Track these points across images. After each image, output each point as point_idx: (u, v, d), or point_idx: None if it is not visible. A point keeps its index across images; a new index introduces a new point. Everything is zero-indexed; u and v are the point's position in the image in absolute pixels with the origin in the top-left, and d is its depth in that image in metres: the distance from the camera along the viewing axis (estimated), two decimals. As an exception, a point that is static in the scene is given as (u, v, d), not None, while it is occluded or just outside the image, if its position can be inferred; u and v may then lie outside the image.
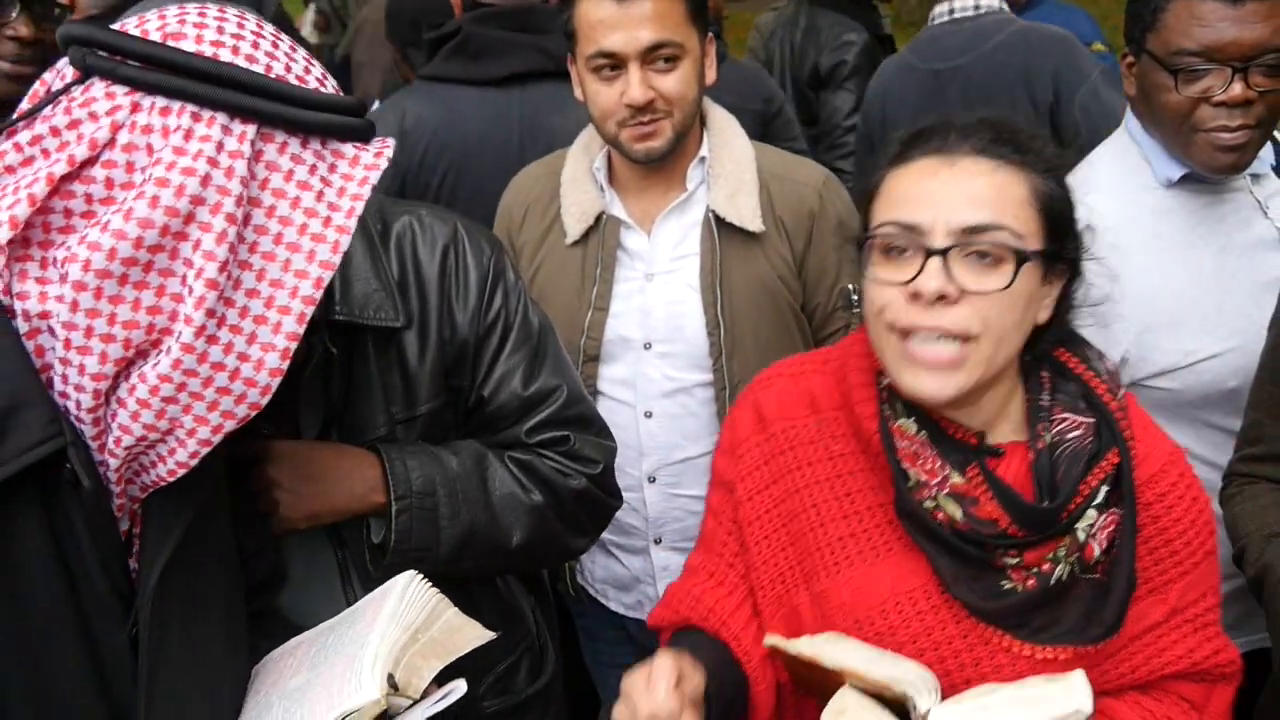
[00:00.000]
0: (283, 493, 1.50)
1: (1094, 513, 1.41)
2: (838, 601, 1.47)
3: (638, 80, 2.04)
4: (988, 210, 1.36)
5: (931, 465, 1.43)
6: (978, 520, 1.40)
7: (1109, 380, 1.50)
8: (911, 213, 1.38)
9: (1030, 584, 1.41)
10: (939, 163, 1.40)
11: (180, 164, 1.07)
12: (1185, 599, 1.50)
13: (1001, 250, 1.35)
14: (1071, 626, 1.42)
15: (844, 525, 1.50)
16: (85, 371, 1.10)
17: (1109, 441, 1.44)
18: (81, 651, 1.18)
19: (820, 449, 1.54)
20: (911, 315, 1.37)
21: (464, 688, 1.29)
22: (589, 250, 2.21)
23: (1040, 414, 1.47)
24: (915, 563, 1.46)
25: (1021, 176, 1.39)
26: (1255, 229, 2.03)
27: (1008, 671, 1.42)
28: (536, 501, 1.65)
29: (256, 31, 1.17)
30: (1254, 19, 1.85)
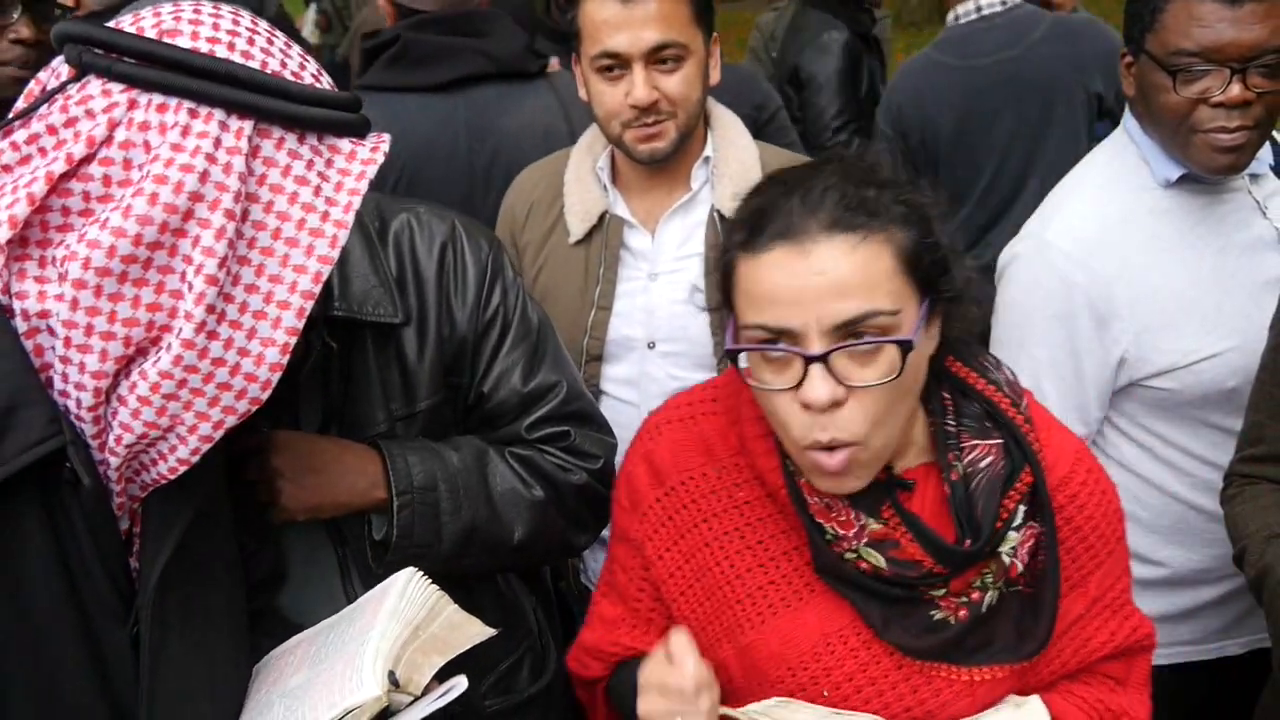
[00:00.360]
0: (285, 483, 1.49)
1: (1014, 534, 1.39)
2: (767, 652, 1.43)
3: (642, 81, 2.03)
4: (856, 299, 1.26)
5: (846, 516, 1.38)
6: (901, 563, 1.37)
7: (1009, 391, 1.45)
8: (778, 317, 1.28)
9: (962, 614, 1.39)
10: (792, 253, 1.27)
11: (178, 160, 1.07)
12: (1103, 586, 1.50)
13: (880, 336, 1.27)
14: (1006, 645, 1.41)
15: (761, 575, 1.45)
16: (85, 370, 1.10)
17: (1020, 461, 1.40)
18: (82, 650, 1.17)
19: (724, 499, 1.48)
20: (811, 432, 1.29)
21: (465, 684, 1.29)
22: (592, 250, 2.20)
23: (949, 441, 1.42)
24: (838, 602, 1.42)
25: (882, 243, 1.28)
26: (1254, 229, 2.02)
27: (947, 696, 1.41)
28: (538, 497, 1.64)
29: (251, 28, 1.17)
30: (1252, 20, 1.84)
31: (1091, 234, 1.98)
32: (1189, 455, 2.06)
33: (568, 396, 1.70)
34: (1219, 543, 1.96)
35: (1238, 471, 1.87)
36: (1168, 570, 2.11)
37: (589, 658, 1.62)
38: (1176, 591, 2.13)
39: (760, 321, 1.30)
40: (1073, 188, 2.09)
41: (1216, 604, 2.14)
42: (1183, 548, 2.10)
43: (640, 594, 1.55)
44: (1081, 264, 1.96)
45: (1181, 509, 2.08)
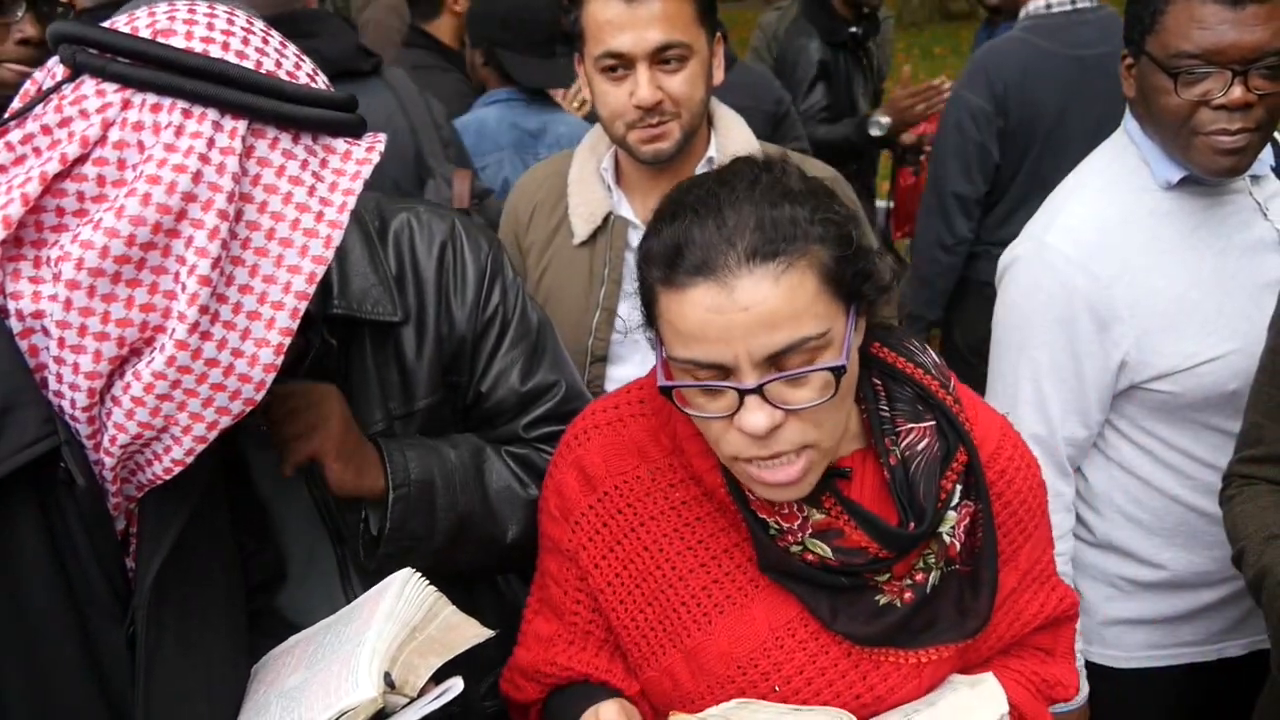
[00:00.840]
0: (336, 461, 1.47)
1: (952, 514, 1.39)
2: (716, 651, 1.41)
3: (646, 80, 2.02)
4: (785, 330, 1.23)
5: (789, 510, 1.37)
6: (847, 552, 1.36)
7: (937, 373, 1.45)
8: (708, 353, 1.25)
9: (908, 597, 1.39)
10: (714, 290, 1.23)
11: (172, 161, 1.06)
12: (1032, 559, 1.52)
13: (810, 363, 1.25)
14: (949, 624, 1.41)
15: (704, 575, 1.43)
16: (80, 370, 1.09)
17: (955, 441, 1.41)
18: (79, 650, 1.17)
19: (660, 501, 1.45)
20: (748, 449, 1.28)
21: (461, 685, 1.28)
22: (597, 251, 2.20)
23: (884, 426, 1.41)
24: (783, 596, 1.41)
25: (804, 266, 1.24)
26: (1255, 230, 2.01)
27: (895, 680, 1.41)
28: (533, 496, 1.62)
29: (246, 28, 1.16)
30: (1254, 22, 1.83)
31: (1092, 237, 1.98)
32: (1190, 458, 2.05)
33: (566, 396, 1.70)
34: (1220, 545, 1.95)
35: (1236, 472, 1.86)
36: (1169, 573, 2.11)
37: (524, 679, 1.58)
38: (1178, 594, 2.13)
39: (690, 357, 1.27)
40: (1073, 190, 2.08)
41: (1218, 606, 2.13)
42: (1184, 550, 2.09)
43: (577, 606, 1.52)
44: (1082, 267, 1.95)
45: (1182, 511, 2.07)
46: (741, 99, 2.48)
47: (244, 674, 1.41)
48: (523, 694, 1.59)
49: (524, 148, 3.27)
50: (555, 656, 1.53)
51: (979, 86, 3.47)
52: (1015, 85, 3.41)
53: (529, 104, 3.33)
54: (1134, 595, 2.14)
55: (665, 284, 1.28)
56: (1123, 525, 2.11)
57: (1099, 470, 2.11)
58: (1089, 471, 2.11)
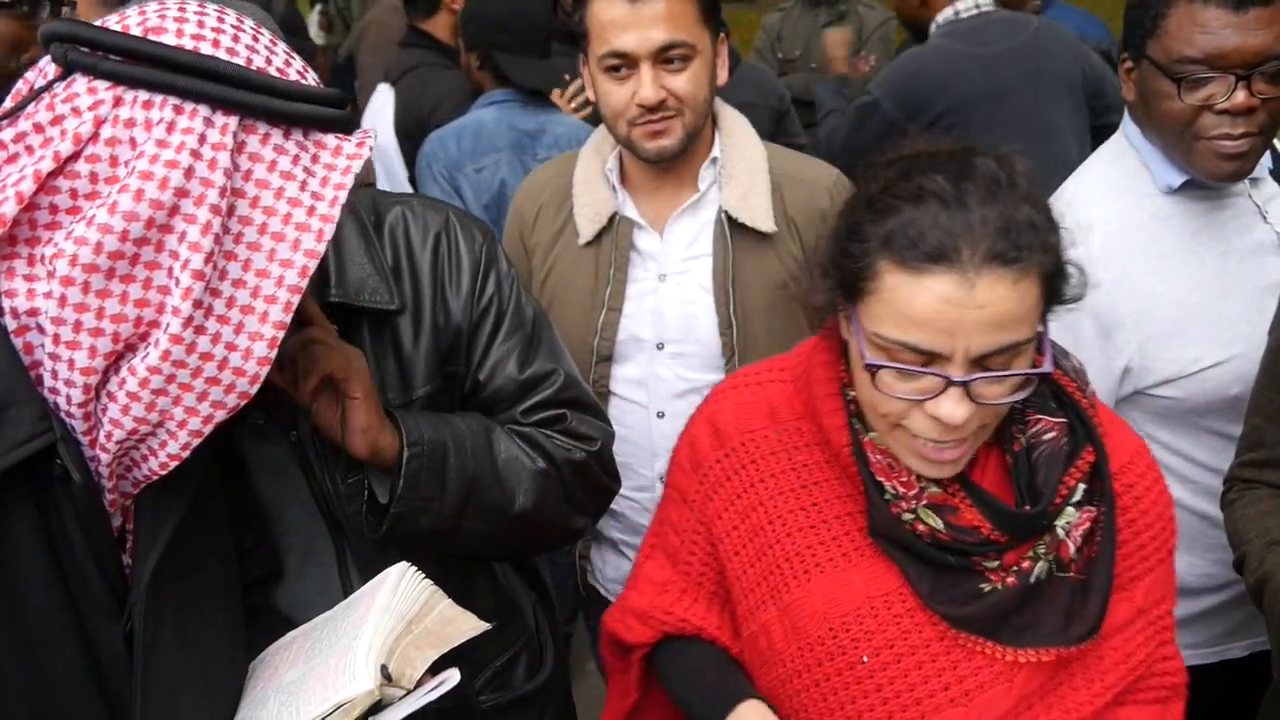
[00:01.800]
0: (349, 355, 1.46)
1: (1072, 510, 1.39)
2: (810, 609, 1.43)
3: (650, 80, 2.02)
4: (1010, 332, 1.27)
5: (907, 477, 1.39)
6: (958, 529, 1.37)
7: (1076, 377, 1.47)
8: (930, 341, 1.27)
9: (1010, 582, 1.38)
10: (955, 283, 1.25)
11: (163, 157, 1.07)
12: (1149, 598, 1.47)
13: (1018, 372, 1.30)
14: (1052, 628, 1.39)
15: (811, 535, 1.46)
16: (75, 366, 1.09)
17: (1083, 439, 1.42)
18: (76, 647, 1.17)
19: (784, 460, 1.49)
20: (931, 432, 1.32)
21: (457, 677, 1.28)
22: (602, 251, 2.20)
23: (1014, 417, 1.42)
24: (887, 568, 1.42)
25: (1035, 276, 1.29)
26: (1255, 234, 2.00)
27: (986, 676, 1.39)
28: (540, 467, 1.63)
29: (237, 25, 1.16)
30: (1257, 26, 1.81)
31: (1093, 242, 1.96)
32: (1192, 463, 2.04)
33: (564, 384, 1.71)
34: (1222, 549, 1.94)
35: (1237, 476, 1.85)
36: (1172, 576, 2.11)
37: (636, 622, 1.62)
38: (1180, 598, 2.10)
39: (906, 340, 1.28)
40: (1072, 195, 2.06)
41: (1221, 609, 2.12)
42: (1186, 554, 2.06)
43: (691, 557, 1.57)
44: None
45: (1184, 516, 2.03)
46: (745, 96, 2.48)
47: (242, 670, 1.41)
48: (634, 635, 1.63)
49: (522, 149, 3.27)
50: (671, 605, 1.58)
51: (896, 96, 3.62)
52: (932, 89, 3.58)
53: (526, 105, 3.33)
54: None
55: (899, 264, 1.29)
56: (1125, 529, 2.10)
57: (1102, 474, 2.10)
58: (1092, 477, 2.11)
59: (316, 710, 1.23)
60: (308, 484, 1.57)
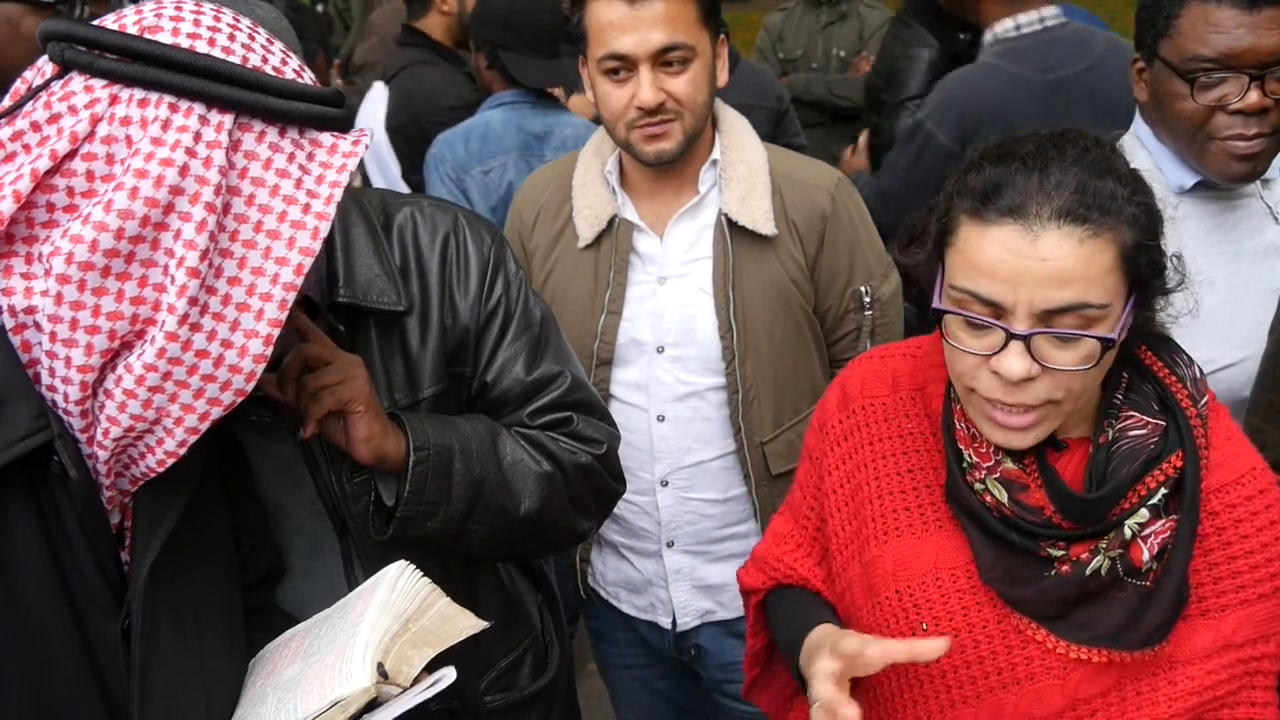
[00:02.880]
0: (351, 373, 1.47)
1: (1147, 513, 1.37)
2: (881, 570, 1.49)
3: (649, 82, 2.02)
4: (1072, 289, 1.28)
5: (986, 449, 1.42)
6: (1023, 506, 1.39)
7: (1191, 387, 1.45)
8: (992, 289, 1.31)
9: (1064, 570, 1.38)
10: (1021, 235, 1.29)
11: (158, 155, 1.08)
12: (1242, 634, 1.40)
13: (1083, 328, 1.30)
14: (1110, 630, 1.38)
15: (899, 499, 1.51)
16: (72, 364, 1.11)
17: (1174, 444, 1.39)
18: (74, 644, 1.18)
19: (892, 426, 1.56)
20: (994, 391, 1.35)
21: (453, 676, 1.29)
22: (601, 254, 2.20)
23: (1110, 411, 1.43)
24: (961, 542, 1.46)
25: (1108, 241, 1.29)
26: (1267, 235, 2.00)
27: (1039, 666, 1.40)
28: (546, 470, 1.65)
29: (233, 24, 1.18)
30: (1270, 25, 1.82)
31: None
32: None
33: (571, 386, 1.72)
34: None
35: None
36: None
37: (754, 567, 1.72)
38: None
39: (972, 289, 1.33)
40: None
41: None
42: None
43: (810, 512, 1.65)
44: None
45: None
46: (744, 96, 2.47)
47: (241, 667, 1.42)
48: (750, 579, 1.72)
49: (529, 151, 3.27)
50: (784, 555, 1.67)
51: (949, 126, 3.22)
52: (988, 118, 3.16)
53: (534, 106, 3.33)
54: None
55: (973, 215, 1.34)
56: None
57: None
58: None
59: (313, 707, 1.24)
60: (314, 482, 1.59)
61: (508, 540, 1.68)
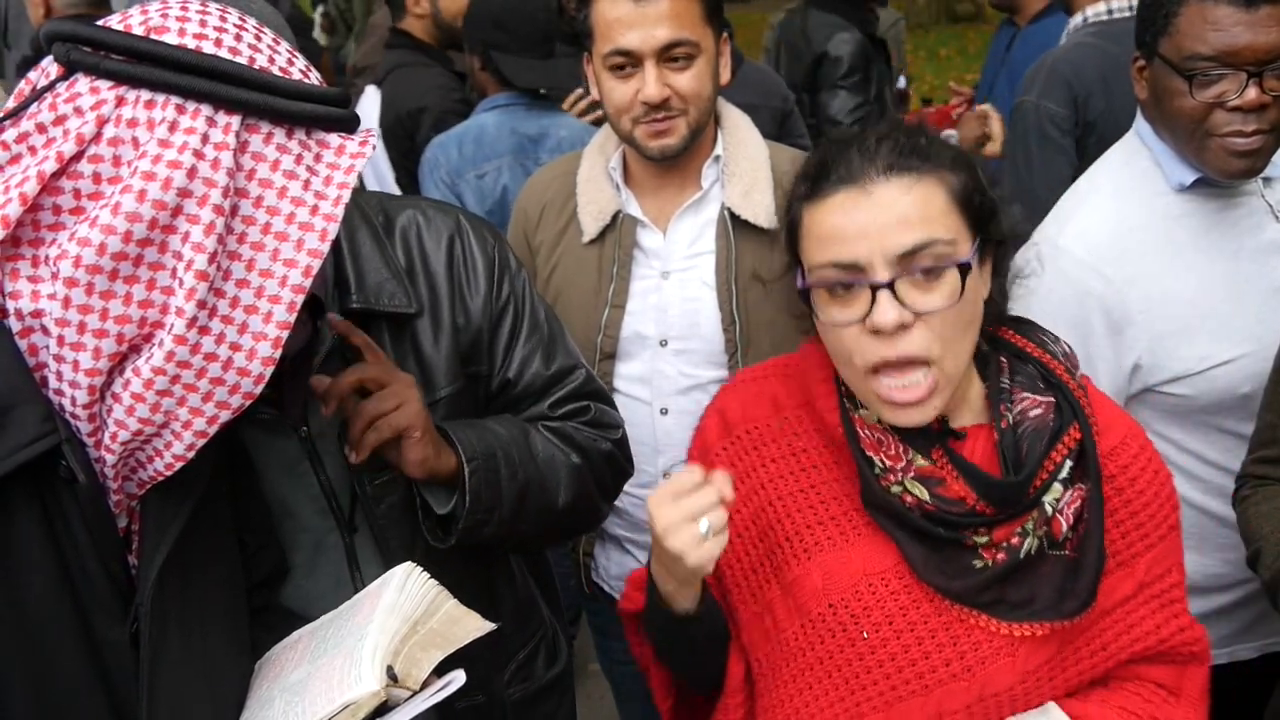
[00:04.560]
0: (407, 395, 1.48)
1: (1060, 487, 1.42)
2: (810, 587, 1.47)
3: (654, 78, 2.03)
4: (917, 230, 1.35)
5: (895, 450, 1.44)
6: (945, 500, 1.41)
7: (1065, 360, 1.52)
8: (845, 251, 1.37)
9: (1000, 558, 1.41)
10: (855, 194, 1.38)
11: (167, 157, 1.07)
12: (1152, 573, 1.51)
13: (942, 265, 1.36)
14: (1047, 603, 1.42)
15: (810, 515, 1.50)
16: (79, 368, 1.09)
17: (1070, 417, 1.46)
18: (82, 648, 1.17)
19: (783, 446, 1.55)
20: (879, 350, 1.37)
21: (463, 678, 1.28)
22: (605, 249, 2.20)
23: (1001, 395, 1.48)
24: (884, 546, 1.46)
25: (935, 182, 1.39)
26: (1267, 233, 2.00)
27: (987, 650, 1.42)
28: (576, 462, 1.68)
29: (239, 25, 1.16)
30: (1268, 23, 1.82)
31: (1105, 240, 1.96)
32: (1203, 461, 2.04)
33: (587, 377, 1.78)
34: (1234, 548, 1.94)
35: (1251, 473, 1.85)
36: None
37: (634, 590, 1.67)
38: (1191, 598, 2.09)
39: (828, 259, 1.39)
40: (1085, 194, 2.06)
41: (1231, 609, 2.12)
42: (1198, 554, 2.06)
43: None
44: (1095, 270, 1.94)
45: (1196, 515, 2.04)
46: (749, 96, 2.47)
47: (246, 669, 1.41)
48: (632, 603, 1.68)
49: (524, 153, 3.25)
50: None
51: (1059, 95, 3.21)
52: (1097, 94, 3.21)
53: (529, 108, 3.30)
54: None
55: (809, 199, 1.43)
56: (1135, 528, 2.10)
57: (1111, 474, 2.10)
58: (1100, 476, 2.10)
59: (323, 711, 1.23)
60: (318, 479, 1.58)
61: (547, 532, 1.73)
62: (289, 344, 1.17)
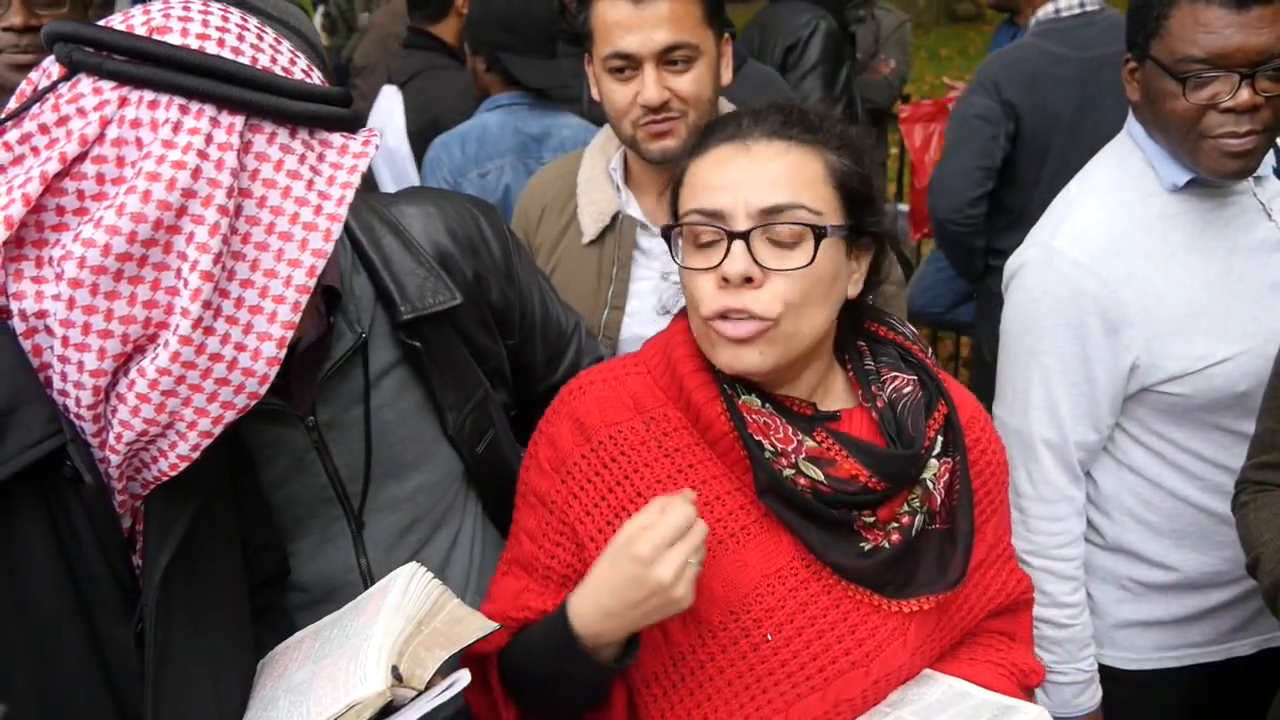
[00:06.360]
0: None
1: (935, 462, 1.46)
2: (708, 596, 1.40)
3: (653, 80, 2.02)
4: (784, 191, 1.38)
5: (784, 434, 1.42)
6: (837, 480, 1.40)
7: (916, 339, 1.57)
8: (713, 199, 1.40)
9: (895, 539, 1.42)
10: (735, 149, 1.41)
11: (171, 157, 1.06)
12: (996, 535, 1.59)
13: (801, 228, 1.37)
14: (930, 577, 1.45)
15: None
16: (84, 369, 1.09)
17: (935, 394, 1.51)
18: (87, 648, 1.17)
19: (654, 449, 1.46)
20: (722, 300, 1.37)
21: (468, 678, 1.28)
22: (605, 250, 2.20)
23: (869, 377, 1.51)
24: (776, 542, 1.43)
25: (814, 155, 1.41)
26: (1260, 231, 2.00)
27: (883, 633, 1.44)
28: None
29: (241, 24, 1.16)
30: (1260, 25, 1.82)
31: (1100, 241, 1.96)
32: (1200, 459, 2.04)
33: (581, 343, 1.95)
34: (1230, 545, 1.94)
35: (1250, 478, 1.85)
36: (1179, 575, 2.09)
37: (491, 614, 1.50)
38: (1188, 595, 2.11)
39: (696, 206, 1.42)
40: (1079, 195, 2.06)
41: (1227, 606, 2.12)
42: (1195, 551, 2.07)
43: (552, 560, 1.50)
44: (1090, 271, 1.94)
45: (1193, 513, 2.05)
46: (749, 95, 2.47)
47: (250, 668, 1.40)
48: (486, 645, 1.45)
49: (526, 153, 3.24)
50: (528, 601, 1.49)
51: (986, 88, 3.48)
52: (1025, 91, 3.40)
53: (532, 108, 3.30)
54: (1144, 597, 2.12)
55: (693, 154, 1.47)
56: (1133, 528, 2.09)
57: (1108, 474, 2.09)
58: (1098, 475, 2.10)
59: (328, 711, 1.22)
60: (325, 468, 1.59)
61: None
62: (297, 337, 1.17)
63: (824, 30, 4.17)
